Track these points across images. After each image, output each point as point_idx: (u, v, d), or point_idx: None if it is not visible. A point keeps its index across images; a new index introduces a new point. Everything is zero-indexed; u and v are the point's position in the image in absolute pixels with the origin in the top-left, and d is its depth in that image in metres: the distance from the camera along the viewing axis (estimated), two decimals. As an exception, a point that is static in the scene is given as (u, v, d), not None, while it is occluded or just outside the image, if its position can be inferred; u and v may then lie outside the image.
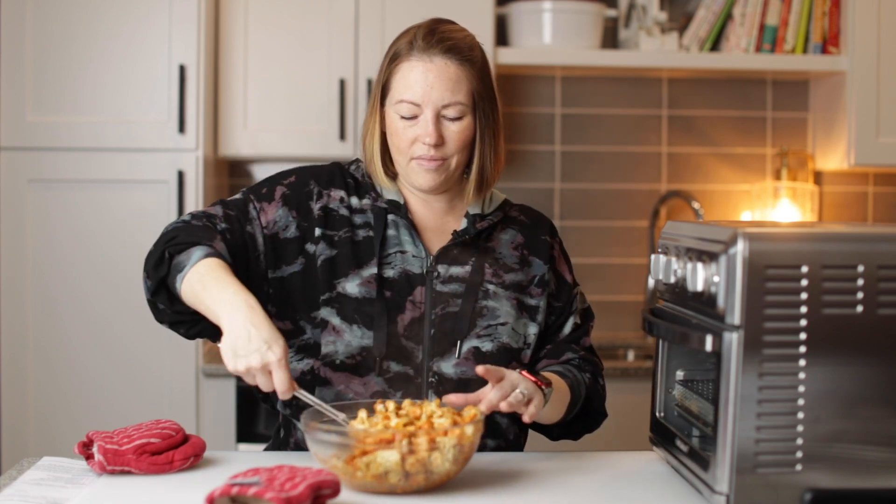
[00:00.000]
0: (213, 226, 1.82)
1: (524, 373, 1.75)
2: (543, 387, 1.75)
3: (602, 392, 1.98)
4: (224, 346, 1.63)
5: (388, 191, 1.91)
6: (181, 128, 3.25)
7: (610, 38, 3.82)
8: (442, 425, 1.60)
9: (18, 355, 3.24)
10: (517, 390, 1.69)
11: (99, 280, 3.25)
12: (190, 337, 1.84)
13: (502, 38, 3.64)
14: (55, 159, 3.25)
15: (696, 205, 3.79)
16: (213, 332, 1.79)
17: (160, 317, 1.82)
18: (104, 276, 3.25)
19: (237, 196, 1.91)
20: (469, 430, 1.58)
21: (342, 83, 3.42)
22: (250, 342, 1.61)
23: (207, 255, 1.72)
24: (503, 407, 1.67)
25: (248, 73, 3.43)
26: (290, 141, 3.45)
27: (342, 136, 3.42)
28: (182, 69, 3.23)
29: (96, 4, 3.25)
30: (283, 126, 3.45)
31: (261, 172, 3.75)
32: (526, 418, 1.71)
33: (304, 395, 1.66)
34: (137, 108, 3.26)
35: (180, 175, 3.24)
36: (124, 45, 3.25)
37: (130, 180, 3.26)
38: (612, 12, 3.70)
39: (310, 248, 1.87)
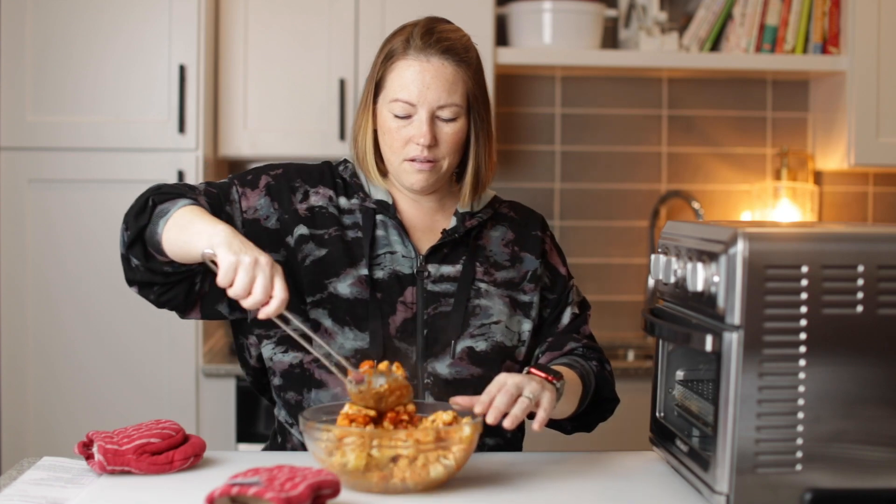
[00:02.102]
0: (194, 190, 1.80)
1: (532, 370, 1.72)
2: (555, 381, 1.71)
3: (610, 378, 1.96)
4: (224, 243, 1.57)
5: (377, 190, 1.89)
6: (181, 128, 3.25)
7: (610, 38, 3.82)
8: (442, 427, 1.60)
9: (18, 355, 3.24)
10: (522, 396, 1.63)
11: (99, 280, 3.25)
12: (159, 304, 1.78)
13: (502, 38, 3.64)
14: (55, 159, 3.25)
15: (696, 205, 3.79)
16: (184, 300, 1.77)
17: (132, 275, 1.75)
18: (104, 276, 3.25)
19: (223, 180, 1.89)
20: (467, 430, 1.58)
21: (342, 83, 3.42)
22: (254, 247, 1.57)
23: (194, 204, 1.69)
24: (507, 424, 1.61)
25: (248, 73, 3.43)
26: (290, 141, 3.45)
27: (342, 136, 3.42)
28: (182, 69, 3.23)
29: (96, 4, 3.25)
30: (283, 126, 3.45)
31: (261, 172, 3.75)
32: (536, 426, 1.64)
33: (290, 318, 1.61)
34: (137, 108, 3.26)
35: (180, 175, 3.24)
36: (124, 45, 3.25)
37: (130, 180, 3.26)
38: (612, 12, 3.70)
39: (289, 240, 1.84)
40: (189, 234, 1.63)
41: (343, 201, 1.89)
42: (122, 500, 1.55)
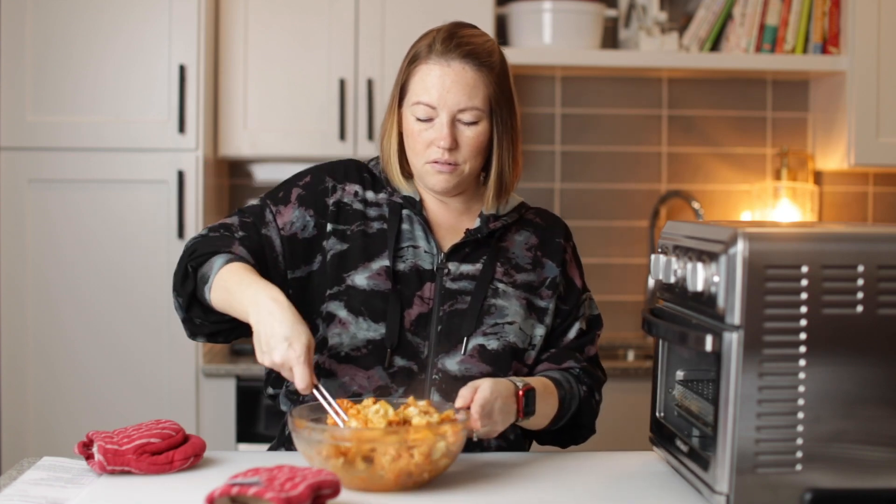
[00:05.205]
0: (231, 234, 1.86)
1: (520, 395, 1.75)
2: (521, 418, 1.76)
3: (595, 407, 1.97)
4: (255, 342, 1.67)
5: (404, 189, 1.93)
6: (181, 128, 3.25)
7: (610, 38, 3.82)
8: (424, 423, 1.60)
9: (18, 355, 3.24)
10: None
11: (99, 280, 3.25)
12: (229, 342, 1.89)
13: (502, 38, 3.64)
14: (55, 159, 3.25)
15: (696, 205, 3.79)
16: (251, 333, 1.84)
17: (197, 330, 1.85)
18: (104, 276, 3.25)
19: (255, 202, 1.94)
20: (451, 425, 1.59)
21: (342, 83, 3.42)
22: (272, 338, 1.64)
23: (228, 262, 1.76)
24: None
25: (248, 73, 3.43)
26: (290, 141, 3.45)
27: (342, 136, 3.42)
28: (182, 69, 3.23)
29: (96, 4, 3.25)
30: (283, 126, 3.45)
31: (261, 172, 3.75)
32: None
33: (322, 394, 1.67)
34: (137, 108, 3.26)
35: (180, 175, 3.24)
36: (124, 45, 3.25)
37: (130, 180, 3.26)
38: (612, 12, 3.70)
39: (326, 244, 1.89)
40: (233, 308, 1.72)
41: (370, 195, 1.93)
42: (122, 500, 1.55)
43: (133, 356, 3.26)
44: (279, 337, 1.63)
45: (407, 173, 1.93)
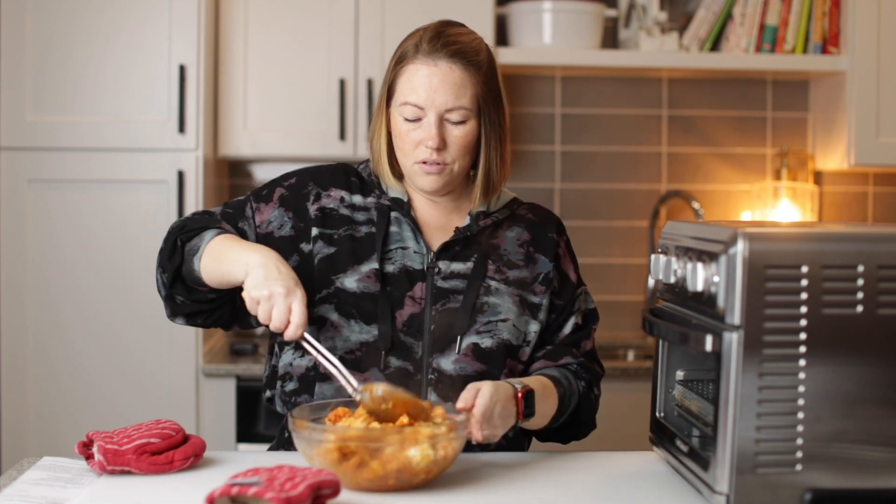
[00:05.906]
0: (214, 218, 1.89)
1: (520, 398, 1.74)
2: (521, 420, 1.75)
3: (594, 402, 1.97)
4: (250, 276, 1.68)
5: (393, 190, 1.92)
6: (181, 128, 3.25)
7: (610, 38, 3.82)
8: (424, 424, 1.60)
9: (18, 355, 3.24)
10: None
11: (99, 280, 3.25)
12: (206, 326, 1.89)
13: (502, 38, 3.64)
14: (55, 159, 3.25)
15: (696, 205, 3.79)
16: (229, 319, 1.87)
17: (178, 310, 1.86)
18: (104, 276, 3.25)
19: (240, 197, 1.96)
20: (450, 426, 1.59)
21: (342, 83, 3.42)
22: (280, 274, 1.66)
23: (220, 233, 1.80)
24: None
25: (248, 73, 3.43)
26: (290, 141, 3.45)
27: (342, 136, 3.42)
28: (182, 69, 3.23)
29: (96, 4, 3.25)
30: (283, 126, 3.45)
31: (261, 172, 3.76)
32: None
33: (311, 341, 1.69)
34: (137, 108, 3.26)
35: (180, 175, 3.24)
36: (124, 45, 3.25)
37: (130, 180, 3.26)
38: (612, 12, 3.70)
39: (305, 247, 1.88)
40: (225, 265, 1.74)
41: (357, 199, 1.93)
42: (122, 500, 1.55)
43: (133, 356, 3.26)
44: (288, 275, 1.67)
45: (398, 173, 1.93)
